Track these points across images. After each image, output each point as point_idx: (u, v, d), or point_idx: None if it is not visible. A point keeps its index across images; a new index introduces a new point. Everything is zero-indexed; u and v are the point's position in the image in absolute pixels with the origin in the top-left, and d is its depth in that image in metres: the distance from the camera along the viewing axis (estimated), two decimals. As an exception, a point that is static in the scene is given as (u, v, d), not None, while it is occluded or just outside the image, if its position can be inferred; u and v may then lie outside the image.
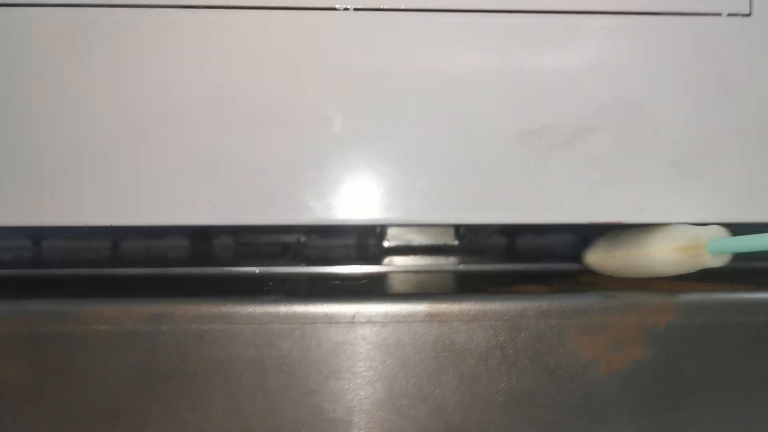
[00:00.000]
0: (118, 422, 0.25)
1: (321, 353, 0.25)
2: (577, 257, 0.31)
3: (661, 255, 0.26)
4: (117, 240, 0.42)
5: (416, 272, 0.32)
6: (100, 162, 0.27)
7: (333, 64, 0.27)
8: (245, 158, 0.27)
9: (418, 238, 0.41)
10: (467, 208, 0.27)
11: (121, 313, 0.24)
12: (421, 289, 0.27)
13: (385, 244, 0.41)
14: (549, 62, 0.27)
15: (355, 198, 0.27)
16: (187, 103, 0.27)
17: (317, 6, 0.27)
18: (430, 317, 0.25)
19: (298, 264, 0.33)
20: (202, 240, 0.43)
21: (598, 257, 0.29)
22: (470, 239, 0.40)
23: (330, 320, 0.25)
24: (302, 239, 0.43)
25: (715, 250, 0.25)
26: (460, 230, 0.41)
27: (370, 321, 0.25)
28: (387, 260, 0.36)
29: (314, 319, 0.25)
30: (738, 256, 0.26)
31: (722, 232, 0.26)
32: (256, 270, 0.32)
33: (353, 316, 0.25)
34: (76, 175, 0.27)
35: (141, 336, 0.24)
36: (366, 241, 0.43)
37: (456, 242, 0.42)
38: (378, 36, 0.27)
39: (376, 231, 0.42)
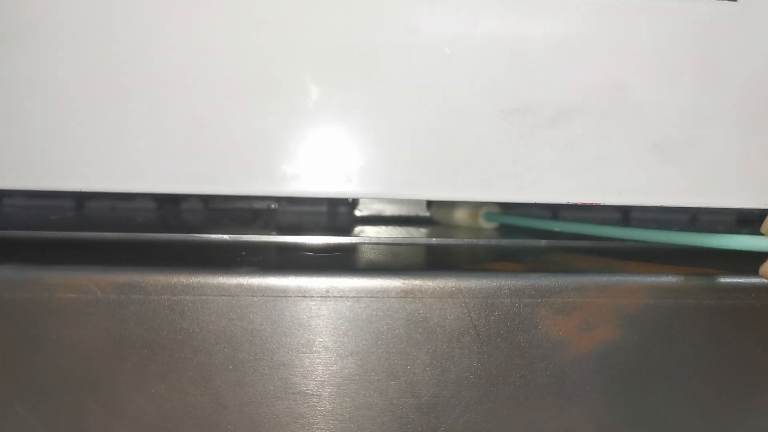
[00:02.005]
0: (86, 392, 0.24)
1: (293, 327, 0.25)
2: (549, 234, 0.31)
3: (458, 216, 0.38)
4: (82, 200, 0.41)
5: (389, 244, 0.31)
6: (71, 124, 0.26)
7: (316, 33, 0.26)
8: (222, 126, 0.26)
9: (389, 209, 0.41)
10: (446, 184, 0.27)
11: (90, 281, 0.24)
12: (396, 264, 0.27)
13: (357, 213, 0.41)
14: (535, 41, 0.26)
15: (333, 171, 0.27)
16: (166, 69, 0.26)
17: (301, -28, 0.26)
18: (405, 293, 0.25)
19: (270, 232, 0.33)
20: (170, 203, 0.42)
21: (434, 211, 0.41)
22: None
23: (303, 294, 0.25)
24: (273, 206, 0.42)
25: (486, 218, 0.37)
26: (431, 202, 0.41)
27: (343, 296, 0.25)
28: (358, 230, 0.36)
29: (287, 293, 0.24)
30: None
31: (494, 207, 0.37)
32: (227, 237, 0.31)
33: (327, 290, 0.25)
34: (46, 137, 0.26)
35: (110, 305, 0.24)
36: (337, 209, 0.42)
37: (427, 214, 0.42)
38: (363, 6, 0.26)
39: (348, 200, 0.41)
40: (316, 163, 0.27)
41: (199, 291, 0.24)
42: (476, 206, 0.37)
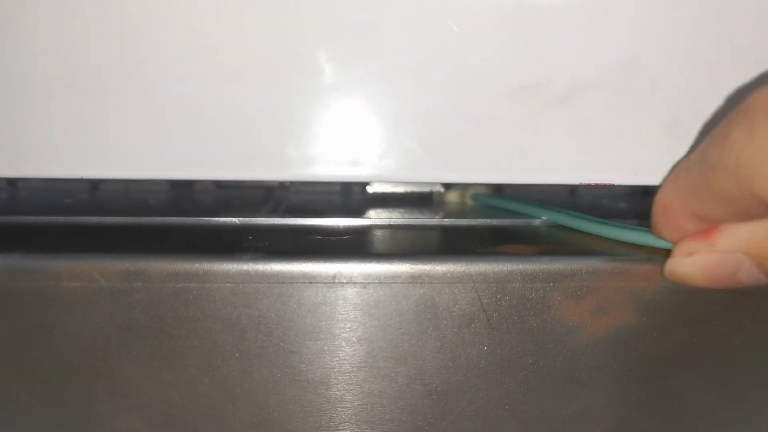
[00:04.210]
0: (92, 380, 0.24)
1: (300, 313, 0.24)
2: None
3: (449, 198, 0.38)
4: (96, 182, 0.41)
5: (400, 226, 0.31)
6: (76, 111, 0.26)
7: (319, 11, 0.25)
8: (226, 110, 0.26)
9: (403, 186, 0.40)
10: (455, 166, 0.26)
11: (93, 269, 0.24)
12: (404, 248, 0.27)
13: (369, 190, 0.40)
14: (546, 15, 0.25)
15: (339, 154, 0.26)
16: (166, 51, 0.25)
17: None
18: (413, 278, 0.24)
19: (280, 215, 0.32)
20: (183, 184, 0.42)
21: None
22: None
23: (309, 280, 0.24)
24: (286, 183, 0.42)
25: (473, 199, 0.37)
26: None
27: (350, 281, 0.24)
28: (369, 210, 0.35)
29: (293, 279, 0.24)
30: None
31: (483, 189, 0.37)
32: (237, 221, 0.31)
33: (333, 276, 0.24)
34: (51, 125, 0.26)
35: (114, 293, 0.24)
36: (350, 187, 0.42)
37: (443, 190, 0.41)
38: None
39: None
40: (323, 146, 0.27)
41: (204, 278, 0.24)
42: (465, 187, 0.38)
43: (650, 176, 0.26)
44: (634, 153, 0.26)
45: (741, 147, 0.18)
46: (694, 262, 0.22)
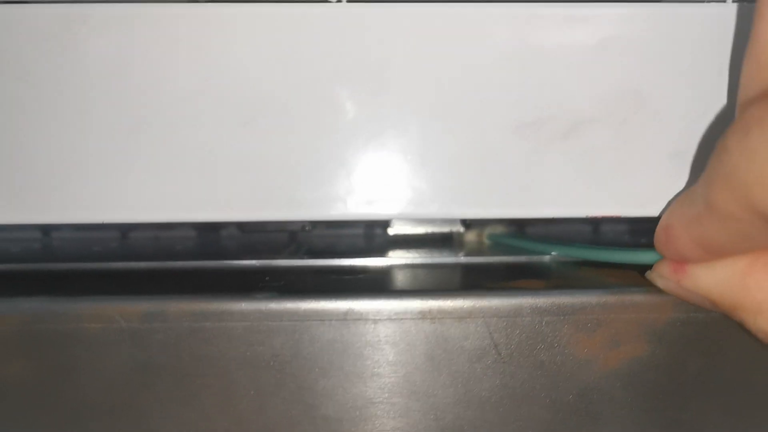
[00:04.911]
0: (112, 419, 0.25)
1: (313, 350, 0.25)
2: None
3: (468, 237, 0.39)
4: (126, 230, 0.42)
5: (417, 265, 0.31)
6: (100, 160, 0.27)
7: (325, 59, 0.26)
8: (241, 153, 0.27)
9: (424, 227, 0.41)
10: (462, 203, 0.27)
11: (114, 311, 0.25)
12: (417, 285, 0.27)
13: (390, 231, 0.40)
14: (548, 53, 0.26)
15: (351, 193, 0.27)
16: (181, 98, 0.27)
17: None
18: (423, 315, 0.25)
19: (299, 256, 0.33)
20: (209, 230, 0.43)
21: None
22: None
23: (322, 317, 0.25)
24: (308, 227, 0.43)
25: (490, 238, 0.38)
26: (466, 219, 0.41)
27: (362, 318, 0.25)
28: (390, 250, 0.36)
29: (306, 317, 0.25)
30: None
31: (499, 229, 0.39)
32: (256, 263, 0.31)
33: (345, 313, 0.25)
34: (74, 173, 0.27)
35: (134, 333, 0.25)
36: (373, 230, 0.43)
37: (463, 230, 0.41)
38: (371, 29, 0.26)
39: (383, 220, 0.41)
40: (338, 186, 0.27)
41: (219, 317, 0.25)
42: (482, 227, 0.39)
43: (656, 207, 0.26)
44: (639, 184, 0.27)
45: (737, 157, 0.18)
46: (667, 284, 0.24)
